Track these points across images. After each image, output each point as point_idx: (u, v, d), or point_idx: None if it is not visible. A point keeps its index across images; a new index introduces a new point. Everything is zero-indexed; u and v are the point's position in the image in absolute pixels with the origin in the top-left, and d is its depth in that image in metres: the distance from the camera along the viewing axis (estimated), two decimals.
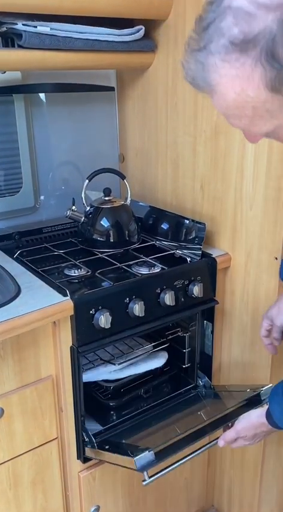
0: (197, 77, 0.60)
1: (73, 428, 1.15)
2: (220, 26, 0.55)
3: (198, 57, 0.58)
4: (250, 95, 0.57)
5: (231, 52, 0.55)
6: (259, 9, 0.52)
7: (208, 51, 0.57)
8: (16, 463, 1.09)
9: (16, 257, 1.27)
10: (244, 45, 0.53)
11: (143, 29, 1.33)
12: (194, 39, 0.59)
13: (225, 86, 0.58)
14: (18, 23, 1.14)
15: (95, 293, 1.11)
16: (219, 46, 0.55)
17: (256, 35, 0.53)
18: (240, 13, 0.53)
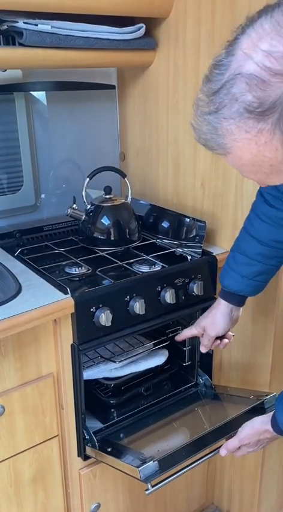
0: (210, 140, 0.59)
1: (74, 426, 1.16)
2: (233, 92, 0.54)
3: (210, 121, 0.58)
4: (268, 155, 0.57)
5: (246, 118, 0.54)
6: (274, 77, 0.52)
7: (221, 115, 0.56)
8: (17, 460, 1.09)
9: (17, 255, 1.27)
10: (261, 112, 0.53)
11: (144, 27, 1.33)
12: (204, 102, 0.58)
13: (240, 149, 0.58)
14: (19, 21, 1.14)
15: (96, 291, 1.11)
16: (233, 112, 0.55)
17: (273, 101, 0.52)
18: (253, 80, 0.53)
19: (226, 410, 1.23)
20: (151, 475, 0.96)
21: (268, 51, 0.52)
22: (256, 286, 1.09)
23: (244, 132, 0.56)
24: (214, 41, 1.23)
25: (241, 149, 0.58)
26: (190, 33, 1.29)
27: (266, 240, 1.02)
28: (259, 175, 0.62)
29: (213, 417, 1.25)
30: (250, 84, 0.53)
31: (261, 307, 1.28)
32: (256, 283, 1.08)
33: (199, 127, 0.60)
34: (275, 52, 0.52)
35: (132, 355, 1.34)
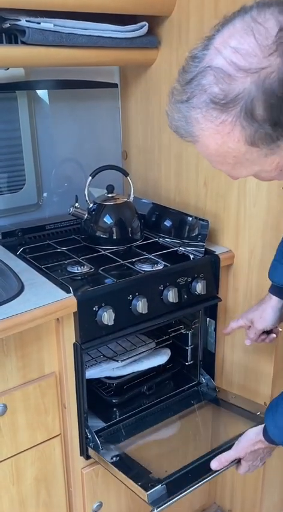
0: (180, 127, 0.63)
1: (76, 425, 1.16)
2: (202, 83, 0.58)
3: (181, 109, 0.61)
4: (231, 146, 0.60)
5: (212, 109, 0.58)
6: (238, 72, 0.56)
7: (191, 105, 0.60)
8: (19, 459, 1.09)
9: (19, 254, 1.27)
10: (224, 104, 0.57)
11: (147, 25, 1.33)
12: (178, 90, 0.61)
13: (207, 138, 0.61)
14: (21, 19, 1.14)
15: (98, 290, 1.11)
16: (201, 102, 0.58)
17: (236, 95, 0.56)
18: (220, 73, 0.57)
19: (232, 426, 1.22)
20: (159, 499, 0.97)
21: (236, 48, 0.56)
22: None
23: (209, 122, 0.59)
24: None
25: (207, 138, 0.61)
26: (193, 31, 1.28)
27: None
28: (225, 166, 0.65)
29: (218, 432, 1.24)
30: (218, 77, 0.57)
31: None
32: None
33: (172, 114, 0.63)
34: (242, 49, 0.56)
35: (135, 354, 1.33)
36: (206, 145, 0.62)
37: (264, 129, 0.57)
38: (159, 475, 1.02)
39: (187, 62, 0.61)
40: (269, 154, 0.61)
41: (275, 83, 0.55)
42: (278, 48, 0.55)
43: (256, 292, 1.28)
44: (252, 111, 0.56)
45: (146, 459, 1.10)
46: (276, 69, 0.55)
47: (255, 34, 0.56)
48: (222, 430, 1.24)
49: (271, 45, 0.55)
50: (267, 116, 0.56)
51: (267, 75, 0.55)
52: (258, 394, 1.35)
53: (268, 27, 0.56)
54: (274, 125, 0.57)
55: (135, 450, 1.14)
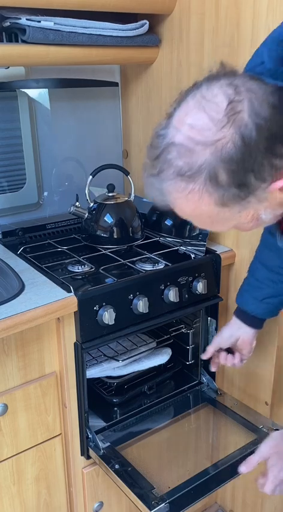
0: (156, 198, 0.69)
1: (77, 425, 1.15)
2: (168, 158, 0.64)
3: (154, 183, 0.67)
4: (204, 209, 0.65)
5: (179, 181, 0.63)
6: (197, 146, 0.61)
7: (161, 178, 0.65)
8: (20, 459, 1.09)
9: (20, 253, 1.27)
10: (190, 175, 0.62)
11: (147, 23, 1.33)
12: (149, 165, 0.67)
13: (181, 204, 0.67)
14: (22, 18, 1.13)
15: (99, 289, 1.10)
16: (169, 175, 0.64)
17: (199, 166, 0.61)
18: (182, 148, 0.62)
19: (233, 438, 1.22)
20: None
21: (191, 125, 0.62)
22: (267, 308, 1.13)
23: (179, 192, 0.65)
24: (218, 38, 1.22)
25: (181, 205, 0.67)
26: (194, 30, 1.28)
27: (272, 266, 1.08)
28: (204, 225, 0.72)
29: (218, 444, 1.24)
30: (180, 152, 0.62)
31: None
32: (266, 306, 1.12)
33: (147, 187, 0.69)
34: (196, 125, 0.62)
35: (135, 354, 1.33)
36: (182, 209, 0.68)
37: (231, 192, 0.63)
38: (162, 490, 1.03)
39: (154, 139, 0.66)
40: (242, 210, 0.67)
41: (232, 151, 0.60)
42: (229, 120, 0.60)
43: None
44: (216, 178, 0.61)
45: (148, 468, 1.10)
46: (230, 139, 0.60)
47: (207, 110, 0.61)
48: (223, 441, 1.24)
49: (223, 118, 0.60)
50: (230, 181, 0.62)
51: (223, 145, 0.60)
52: (259, 394, 1.34)
53: (217, 101, 0.61)
54: (239, 186, 0.62)
55: (136, 456, 1.14)
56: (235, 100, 0.61)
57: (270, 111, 0.61)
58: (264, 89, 0.62)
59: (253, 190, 0.63)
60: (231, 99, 0.60)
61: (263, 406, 1.34)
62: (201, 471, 1.09)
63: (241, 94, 0.61)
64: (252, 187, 0.63)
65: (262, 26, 1.11)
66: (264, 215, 0.69)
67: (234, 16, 1.16)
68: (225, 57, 1.21)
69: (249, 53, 1.15)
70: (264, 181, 0.63)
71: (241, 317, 1.16)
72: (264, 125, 0.60)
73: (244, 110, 0.60)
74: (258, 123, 0.60)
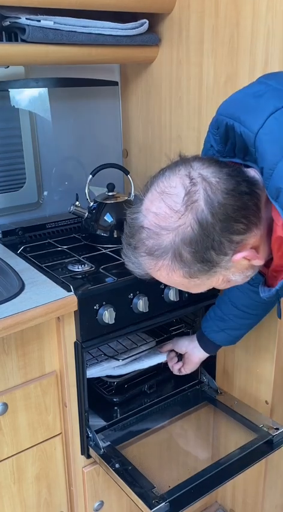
0: (134, 269, 0.78)
1: (77, 424, 1.15)
2: (140, 237, 0.73)
3: (131, 255, 0.76)
4: (176, 280, 0.75)
5: (150, 258, 0.73)
6: (162, 230, 0.71)
7: (137, 252, 0.75)
8: (20, 458, 1.09)
9: (20, 253, 1.27)
10: (158, 254, 0.72)
11: (147, 22, 1.33)
12: (127, 240, 0.76)
13: (156, 276, 0.77)
14: (21, 17, 1.13)
15: (99, 288, 1.10)
16: (142, 251, 0.74)
17: (165, 246, 0.71)
18: (150, 232, 0.72)
19: (233, 437, 1.22)
20: None
21: (155, 213, 0.72)
22: (226, 337, 1.19)
23: (151, 266, 0.75)
24: (218, 36, 1.22)
25: (156, 276, 0.77)
26: (193, 29, 1.28)
27: (239, 304, 1.13)
28: (182, 289, 0.80)
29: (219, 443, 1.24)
30: (149, 234, 0.72)
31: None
32: (226, 335, 1.19)
33: (126, 258, 0.78)
34: (159, 214, 0.71)
35: (136, 353, 1.33)
36: (158, 278, 0.77)
37: (196, 267, 0.72)
38: (163, 489, 1.03)
39: (130, 219, 0.76)
40: (211, 278, 0.75)
41: (191, 234, 0.70)
42: (187, 209, 0.69)
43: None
44: (180, 256, 0.71)
45: (148, 468, 1.10)
46: (189, 224, 0.69)
47: (167, 202, 0.71)
48: (224, 440, 1.24)
49: (180, 208, 0.70)
50: (193, 258, 0.71)
51: (184, 230, 0.70)
52: (259, 393, 1.34)
53: (177, 193, 0.70)
54: (202, 262, 0.72)
55: (136, 455, 1.14)
56: (191, 191, 0.70)
57: (223, 197, 0.70)
58: (219, 177, 0.71)
59: (217, 264, 0.72)
60: (188, 191, 0.70)
61: (263, 406, 1.34)
62: (201, 470, 1.08)
63: (197, 184, 0.70)
64: (215, 262, 0.72)
65: (262, 25, 1.11)
66: (233, 277, 0.78)
67: (233, 15, 1.16)
68: (225, 56, 1.22)
69: (248, 52, 1.16)
70: (225, 254, 0.72)
71: (200, 339, 1.23)
72: (218, 210, 0.69)
73: (200, 199, 0.69)
74: (212, 209, 0.69)
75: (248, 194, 0.72)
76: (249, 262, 0.75)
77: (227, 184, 0.71)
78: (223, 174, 0.72)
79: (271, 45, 1.09)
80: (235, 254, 0.72)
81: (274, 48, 1.10)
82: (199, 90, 1.30)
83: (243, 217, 0.71)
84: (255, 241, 0.75)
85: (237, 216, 0.70)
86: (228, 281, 0.79)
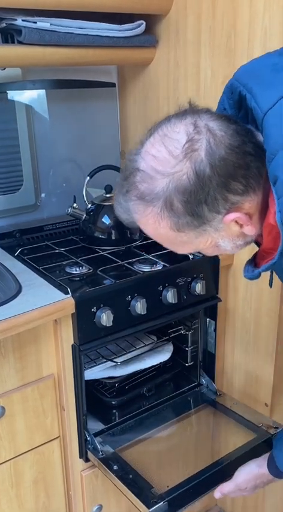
0: (121, 215, 0.75)
1: (75, 427, 1.15)
2: (133, 181, 0.70)
3: (121, 200, 0.73)
4: (162, 232, 0.72)
5: (140, 203, 0.70)
6: (157, 174, 0.68)
7: (127, 197, 0.72)
8: (18, 462, 1.08)
9: (17, 255, 1.26)
10: (149, 200, 0.69)
11: (144, 24, 1.32)
12: (120, 184, 0.73)
13: (143, 224, 0.74)
14: (17, 19, 1.13)
15: (97, 291, 1.10)
16: (133, 196, 0.71)
17: (157, 192, 0.68)
18: (144, 175, 0.69)
19: (232, 437, 1.21)
20: None
21: (154, 156, 0.69)
22: None
23: (140, 212, 0.71)
24: (215, 37, 1.21)
25: (143, 224, 0.73)
26: (190, 30, 1.27)
27: None
28: (167, 246, 0.77)
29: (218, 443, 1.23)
30: (143, 177, 0.69)
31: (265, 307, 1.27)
32: None
33: (116, 203, 0.75)
34: (158, 157, 0.68)
35: (134, 355, 1.32)
36: (145, 229, 0.74)
37: (185, 220, 0.69)
38: (161, 489, 1.02)
39: (127, 162, 0.73)
40: (199, 236, 0.72)
41: (186, 183, 0.66)
42: (186, 156, 0.66)
43: (256, 292, 1.27)
44: (171, 205, 0.68)
45: (147, 469, 1.09)
46: (185, 172, 0.66)
47: (168, 146, 0.68)
48: (223, 441, 1.23)
49: (180, 154, 0.67)
50: (184, 210, 0.68)
51: (179, 177, 0.67)
52: (258, 395, 1.34)
53: (178, 138, 0.67)
54: (193, 216, 0.68)
55: (135, 457, 1.13)
56: (194, 139, 0.67)
57: (226, 151, 0.67)
58: (225, 131, 0.68)
59: (208, 221, 0.69)
60: (190, 138, 0.67)
61: (263, 408, 1.33)
62: (200, 470, 1.07)
63: (201, 134, 0.67)
64: (206, 218, 0.69)
65: (259, 25, 1.10)
66: (222, 243, 0.75)
67: (230, 16, 1.16)
68: (222, 57, 1.22)
69: (245, 52, 1.15)
70: (218, 213, 0.69)
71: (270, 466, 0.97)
72: (217, 163, 0.66)
73: (201, 149, 0.66)
74: (213, 161, 0.66)
75: (252, 155, 0.69)
76: (240, 229, 0.72)
77: (232, 141, 0.68)
78: (231, 130, 0.68)
79: (268, 46, 1.09)
80: (227, 214, 0.69)
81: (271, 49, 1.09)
82: (197, 91, 1.30)
83: (242, 177, 0.68)
84: (249, 208, 0.71)
85: (237, 174, 0.67)
86: (216, 245, 0.75)
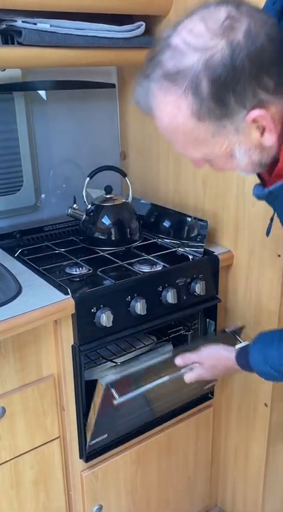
0: (140, 99, 0.71)
1: (75, 427, 1.15)
2: (160, 59, 0.67)
3: (142, 83, 0.69)
4: (180, 121, 0.67)
5: (164, 82, 0.66)
6: (188, 49, 0.64)
7: (149, 78, 0.68)
8: (18, 462, 1.08)
9: (17, 256, 1.26)
10: (175, 78, 0.65)
11: (144, 25, 1.32)
12: (144, 67, 0.69)
13: (160, 111, 0.69)
14: (17, 20, 1.13)
15: (96, 291, 1.10)
16: (157, 76, 0.67)
17: (185, 69, 0.64)
18: (175, 50, 0.65)
19: None
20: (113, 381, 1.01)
21: (190, 30, 0.65)
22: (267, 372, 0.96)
23: (162, 93, 0.67)
24: None
25: (161, 111, 0.69)
26: None
27: None
28: (179, 145, 0.72)
29: None
30: (172, 54, 0.65)
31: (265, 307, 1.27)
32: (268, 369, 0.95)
33: (136, 87, 0.71)
34: (194, 30, 0.65)
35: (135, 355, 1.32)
36: (160, 118, 0.69)
37: (208, 105, 0.64)
38: None
39: (157, 42, 0.69)
40: (216, 135, 0.68)
41: (218, 63, 0.62)
42: (224, 33, 0.63)
43: (255, 293, 1.27)
44: (197, 86, 0.64)
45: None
46: (219, 51, 0.62)
47: (207, 20, 0.65)
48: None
49: (218, 29, 0.63)
50: (210, 92, 0.63)
51: (212, 54, 0.63)
52: (258, 395, 1.34)
53: (218, 16, 0.64)
54: (217, 102, 0.64)
55: None
56: (234, 18, 0.63)
57: (265, 40, 0.63)
58: (266, 20, 0.65)
59: (231, 114, 0.65)
60: (231, 16, 0.63)
61: (263, 408, 1.33)
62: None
63: (243, 16, 0.64)
64: (230, 109, 0.65)
65: None
66: (237, 152, 0.70)
67: None
68: None
69: None
70: (243, 107, 0.64)
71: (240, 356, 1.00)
72: (255, 51, 0.63)
73: (240, 30, 0.63)
74: (250, 47, 0.62)
75: None
76: (260, 137, 0.68)
77: (272, 31, 0.64)
78: (272, 22, 0.66)
79: None
80: (252, 110, 0.65)
81: None
82: None
83: (276, 74, 0.64)
84: (274, 114, 0.67)
85: (271, 69, 0.64)
86: (230, 155, 0.71)
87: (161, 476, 1.37)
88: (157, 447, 1.33)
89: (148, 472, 1.33)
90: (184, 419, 1.37)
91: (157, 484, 1.37)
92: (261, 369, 0.93)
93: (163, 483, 1.38)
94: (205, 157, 0.73)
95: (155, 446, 1.32)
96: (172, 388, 1.30)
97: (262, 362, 0.92)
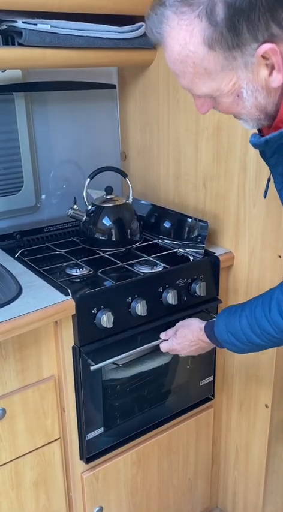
0: (153, 27, 0.71)
1: (76, 429, 1.15)
2: None
3: (157, 11, 0.69)
4: (191, 49, 0.67)
5: (180, 6, 0.66)
6: None
7: (165, 5, 0.68)
8: (18, 463, 1.08)
9: (17, 257, 1.26)
10: (191, 2, 0.65)
11: (144, 25, 1.32)
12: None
13: (172, 37, 0.69)
14: (18, 21, 1.13)
15: (97, 292, 1.10)
16: (172, 1, 0.67)
17: None
18: None
19: None
20: None
21: None
22: None
23: (177, 19, 0.67)
24: None
25: (172, 39, 0.69)
26: None
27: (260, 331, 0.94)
28: (186, 78, 0.71)
29: None
30: None
31: None
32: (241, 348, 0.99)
33: (150, 17, 0.71)
34: None
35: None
36: (171, 47, 0.69)
37: (221, 32, 0.65)
38: None
39: None
40: (225, 67, 0.68)
41: None
42: None
43: (256, 294, 1.27)
44: (212, 10, 0.64)
45: None
46: None
47: None
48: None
49: None
50: (224, 17, 0.64)
51: None
52: (259, 396, 1.34)
53: None
54: (230, 29, 0.64)
55: None
56: None
57: None
58: None
59: (242, 44, 0.65)
60: None
61: (263, 409, 1.33)
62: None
63: None
64: (242, 39, 0.65)
65: None
66: (245, 91, 0.70)
67: None
68: None
69: None
70: (255, 39, 0.65)
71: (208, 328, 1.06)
72: None
73: None
74: None
75: None
76: (268, 76, 0.68)
77: None
78: None
79: None
80: (263, 44, 0.65)
81: None
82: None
83: None
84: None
85: None
86: (237, 94, 0.71)
87: (162, 478, 1.37)
88: (158, 448, 1.33)
89: (149, 474, 1.33)
90: (184, 421, 1.37)
91: (157, 485, 1.37)
92: (224, 337, 0.98)
93: (163, 484, 1.38)
94: (212, 94, 0.72)
95: (156, 448, 1.32)
96: (161, 373, 1.33)
97: (225, 331, 0.97)
